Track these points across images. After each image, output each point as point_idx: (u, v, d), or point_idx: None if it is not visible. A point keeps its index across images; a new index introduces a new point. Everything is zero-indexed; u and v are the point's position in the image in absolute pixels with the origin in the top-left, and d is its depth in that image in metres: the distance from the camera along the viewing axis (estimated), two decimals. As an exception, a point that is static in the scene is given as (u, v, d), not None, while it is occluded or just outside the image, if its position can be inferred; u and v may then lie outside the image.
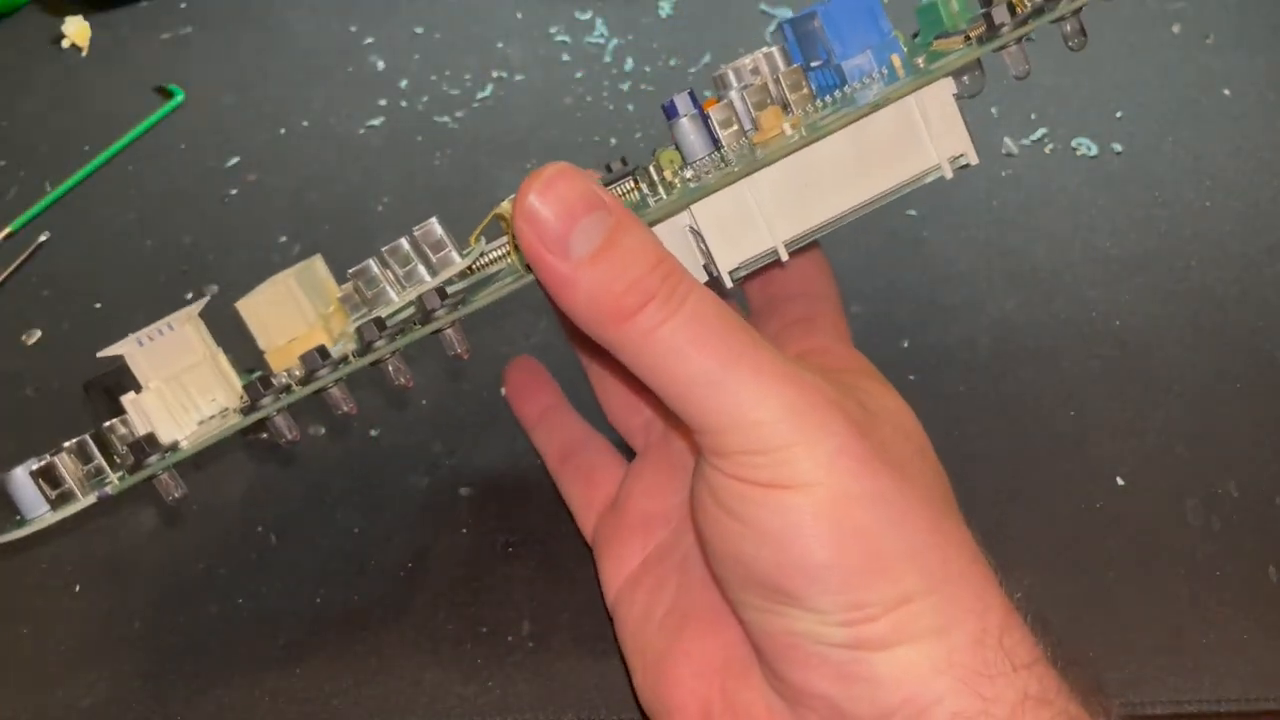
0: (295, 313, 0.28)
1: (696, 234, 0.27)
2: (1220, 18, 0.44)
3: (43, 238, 0.45)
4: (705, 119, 0.29)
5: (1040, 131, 0.42)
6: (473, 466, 0.37)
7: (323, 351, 0.27)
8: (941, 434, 0.35)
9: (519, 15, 0.46)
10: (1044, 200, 0.41)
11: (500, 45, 0.46)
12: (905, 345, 0.38)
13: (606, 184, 0.29)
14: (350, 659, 0.34)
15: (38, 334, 0.42)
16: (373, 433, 0.38)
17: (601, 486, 0.34)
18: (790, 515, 0.24)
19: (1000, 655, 0.24)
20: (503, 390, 0.37)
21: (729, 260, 0.28)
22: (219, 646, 0.34)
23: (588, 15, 0.46)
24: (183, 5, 0.48)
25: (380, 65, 0.46)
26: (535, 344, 0.39)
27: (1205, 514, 0.33)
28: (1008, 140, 0.42)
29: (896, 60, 0.28)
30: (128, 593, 0.35)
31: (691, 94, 0.30)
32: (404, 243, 0.27)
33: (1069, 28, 0.27)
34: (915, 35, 0.31)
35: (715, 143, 0.29)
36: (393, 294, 0.27)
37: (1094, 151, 0.42)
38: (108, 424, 0.28)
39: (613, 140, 0.44)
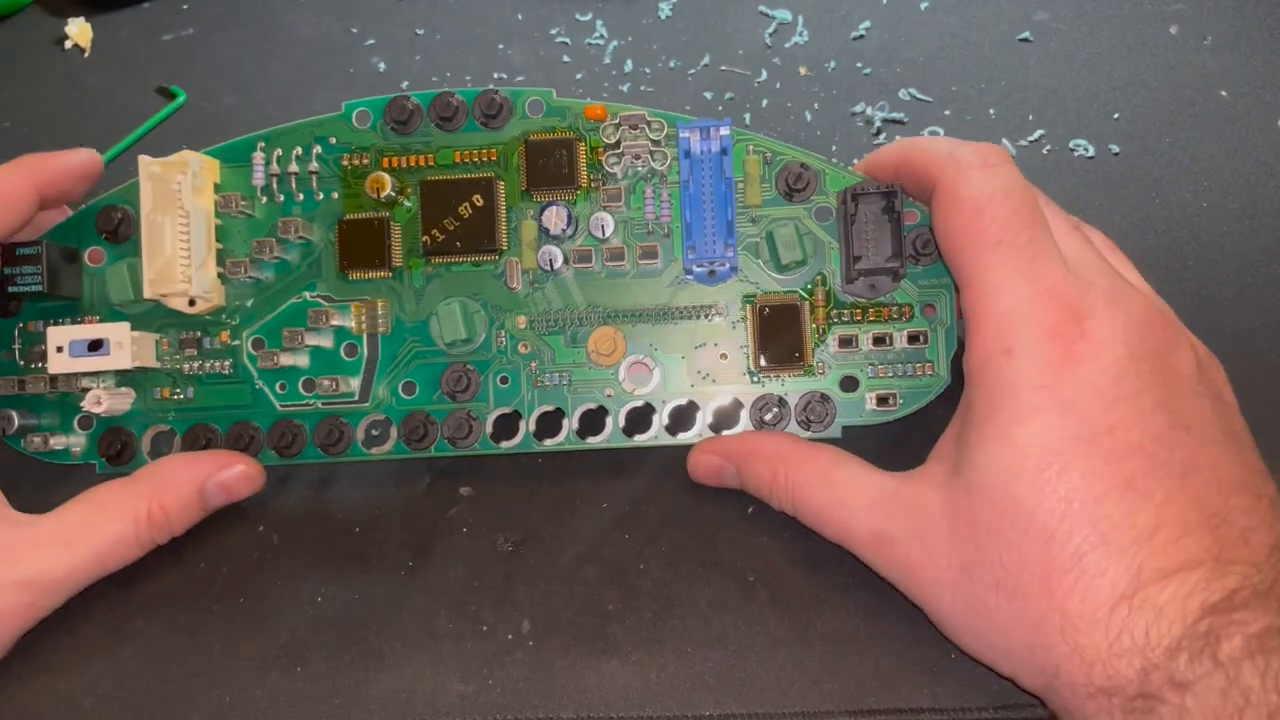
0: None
1: None
2: (1218, 19, 0.44)
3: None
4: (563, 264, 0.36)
5: (1038, 133, 0.42)
6: (473, 466, 0.37)
7: None
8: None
9: (520, 16, 0.46)
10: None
11: (501, 47, 0.46)
12: (903, 346, 0.38)
13: None
14: (350, 659, 0.34)
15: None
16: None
17: None
18: None
19: None
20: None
21: None
22: (220, 645, 0.34)
23: (588, 17, 0.46)
24: (185, 7, 0.48)
25: (382, 66, 0.46)
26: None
27: (1201, 514, 0.33)
28: (1005, 141, 0.42)
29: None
30: (129, 592, 0.35)
31: (568, 216, 0.36)
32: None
33: None
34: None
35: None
36: None
37: (1091, 153, 0.42)
38: None
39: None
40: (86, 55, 0.47)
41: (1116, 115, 0.42)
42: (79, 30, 0.47)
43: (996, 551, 0.29)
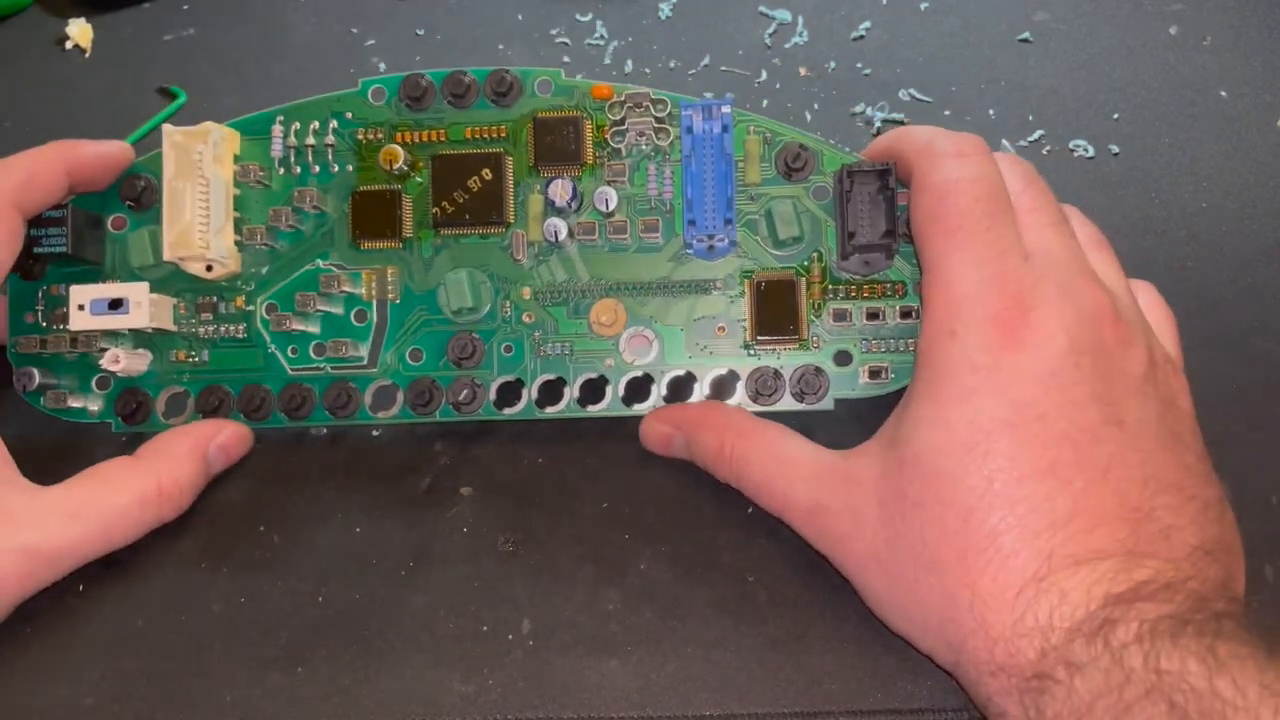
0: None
1: None
2: (1218, 19, 0.44)
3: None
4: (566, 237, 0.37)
5: (1038, 133, 0.42)
6: (473, 466, 0.37)
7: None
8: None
9: (520, 17, 0.46)
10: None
11: (501, 47, 0.46)
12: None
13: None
14: (350, 659, 0.34)
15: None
16: (374, 433, 0.38)
17: None
18: None
19: None
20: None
21: None
22: (221, 645, 0.34)
23: (588, 17, 0.46)
24: (185, 7, 0.48)
25: (382, 67, 0.46)
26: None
27: (1201, 514, 0.33)
28: (1005, 142, 0.42)
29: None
30: (131, 591, 0.35)
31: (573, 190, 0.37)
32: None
33: None
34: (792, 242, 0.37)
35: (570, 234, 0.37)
36: None
37: (1091, 153, 0.42)
38: None
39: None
40: (87, 55, 0.48)
41: (1116, 115, 0.42)
42: (79, 30, 0.47)
43: (920, 525, 0.29)
